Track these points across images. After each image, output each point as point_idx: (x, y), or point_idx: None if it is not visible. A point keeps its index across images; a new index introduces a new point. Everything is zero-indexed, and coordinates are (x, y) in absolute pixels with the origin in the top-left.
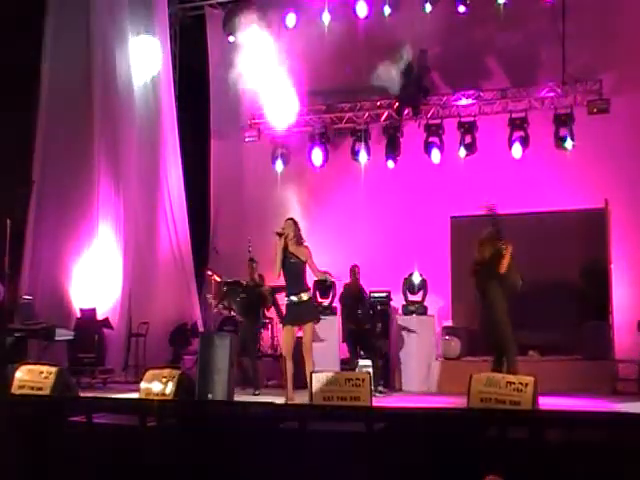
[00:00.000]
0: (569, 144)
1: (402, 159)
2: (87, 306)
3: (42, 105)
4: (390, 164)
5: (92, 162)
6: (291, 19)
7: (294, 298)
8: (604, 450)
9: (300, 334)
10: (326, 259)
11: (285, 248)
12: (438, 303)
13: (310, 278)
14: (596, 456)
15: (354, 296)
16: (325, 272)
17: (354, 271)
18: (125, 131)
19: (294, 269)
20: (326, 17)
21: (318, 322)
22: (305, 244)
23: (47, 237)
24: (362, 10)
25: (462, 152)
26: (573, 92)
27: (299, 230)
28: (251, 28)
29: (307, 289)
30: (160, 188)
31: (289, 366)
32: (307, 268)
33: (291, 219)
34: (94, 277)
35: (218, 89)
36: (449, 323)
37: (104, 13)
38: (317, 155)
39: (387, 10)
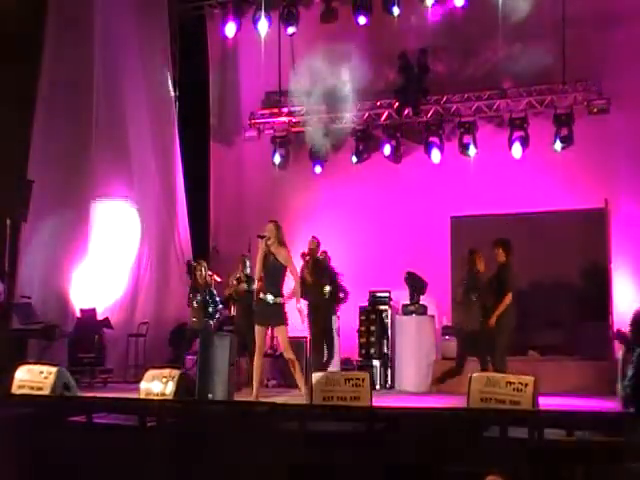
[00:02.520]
0: (558, 146)
1: (402, 159)
2: (87, 306)
3: (40, 104)
4: (389, 164)
5: (91, 162)
6: (291, 17)
7: (269, 297)
8: (604, 450)
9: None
10: None
11: (267, 250)
12: (438, 303)
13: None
14: (596, 456)
15: None
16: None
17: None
18: (125, 131)
19: (272, 270)
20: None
21: (287, 326)
22: (286, 247)
23: (48, 237)
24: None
25: (463, 152)
26: (573, 92)
27: (281, 233)
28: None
29: (281, 295)
30: (160, 188)
31: (259, 365)
32: (287, 272)
33: (273, 222)
34: (94, 277)
35: (218, 89)
36: (449, 323)
37: (106, 13)
38: (317, 155)
39: (396, 11)
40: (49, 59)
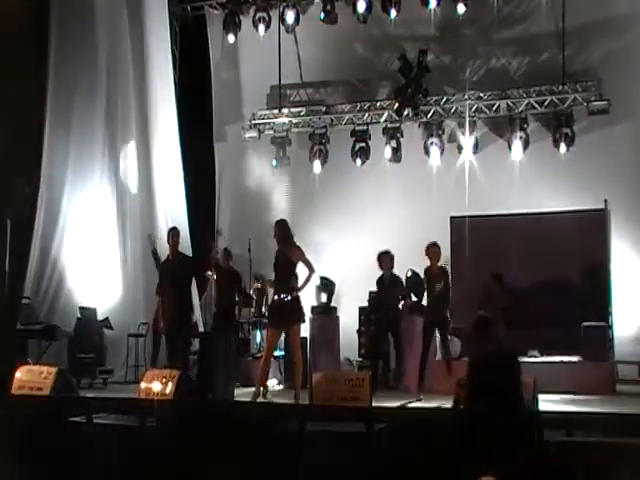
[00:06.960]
0: (559, 146)
1: (402, 159)
2: (87, 306)
3: (48, 106)
4: (390, 164)
5: (96, 164)
6: (291, 18)
7: (282, 296)
8: (604, 450)
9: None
10: (326, 259)
11: (278, 249)
12: None
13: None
14: (596, 456)
15: None
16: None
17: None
18: (128, 131)
19: (283, 268)
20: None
21: (303, 322)
22: (297, 245)
23: (50, 238)
24: (362, 9)
25: (463, 152)
26: (573, 92)
27: (289, 231)
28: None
29: (294, 289)
30: (160, 190)
31: (267, 367)
32: (297, 267)
33: (278, 222)
34: (94, 277)
35: (218, 89)
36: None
37: (107, 15)
38: (317, 155)
39: (393, 13)
40: (54, 60)
